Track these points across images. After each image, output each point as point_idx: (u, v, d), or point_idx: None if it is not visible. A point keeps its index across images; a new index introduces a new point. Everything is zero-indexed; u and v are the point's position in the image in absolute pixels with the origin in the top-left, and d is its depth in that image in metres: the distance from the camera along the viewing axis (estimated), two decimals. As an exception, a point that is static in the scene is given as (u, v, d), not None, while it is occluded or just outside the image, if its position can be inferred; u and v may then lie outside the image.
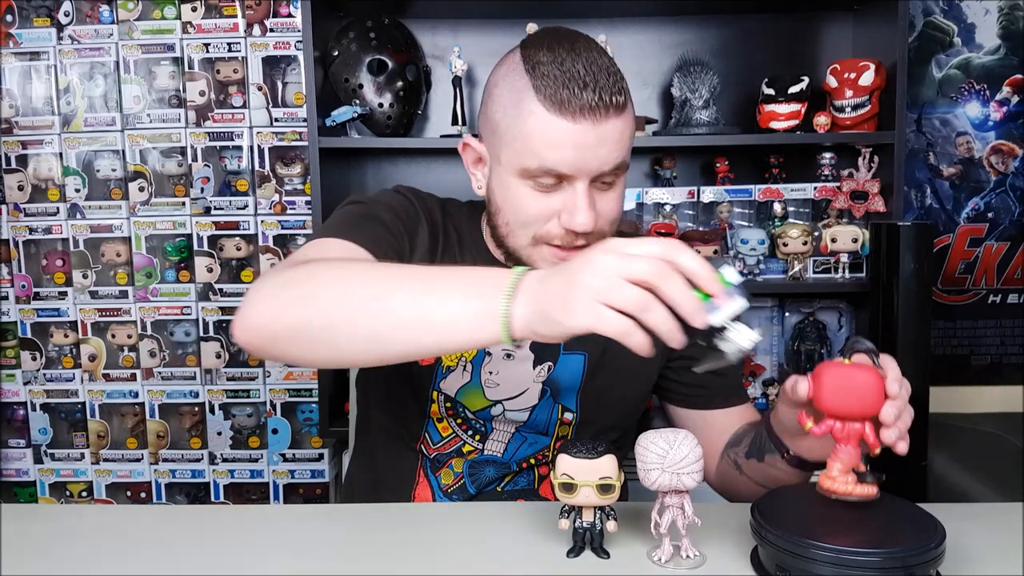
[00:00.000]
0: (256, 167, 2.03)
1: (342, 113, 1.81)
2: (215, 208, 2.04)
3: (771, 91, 1.82)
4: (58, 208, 2.06)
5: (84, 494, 2.13)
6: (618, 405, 1.06)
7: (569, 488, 0.72)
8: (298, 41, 1.98)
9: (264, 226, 2.04)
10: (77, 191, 2.05)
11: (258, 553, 0.79)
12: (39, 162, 2.05)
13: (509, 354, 1.00)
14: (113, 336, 2.09)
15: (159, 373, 2.09)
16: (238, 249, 2.06)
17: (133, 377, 2.10)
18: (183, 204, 2.05)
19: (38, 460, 2.13)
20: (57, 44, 2.01)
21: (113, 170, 2.05)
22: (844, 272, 1.83)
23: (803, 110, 1.81)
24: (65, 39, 2.01)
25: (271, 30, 2.00)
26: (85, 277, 2.07)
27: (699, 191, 1.89)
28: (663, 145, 1.92)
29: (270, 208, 2.04)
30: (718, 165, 1.95)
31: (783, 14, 1.99)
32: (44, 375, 2.11)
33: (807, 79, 1.82)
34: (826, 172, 1.91)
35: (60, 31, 2.01)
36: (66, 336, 2.10)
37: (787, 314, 1.97)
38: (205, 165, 2.03)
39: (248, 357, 2.07)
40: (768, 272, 1.86)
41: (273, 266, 0.88)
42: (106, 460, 2.12)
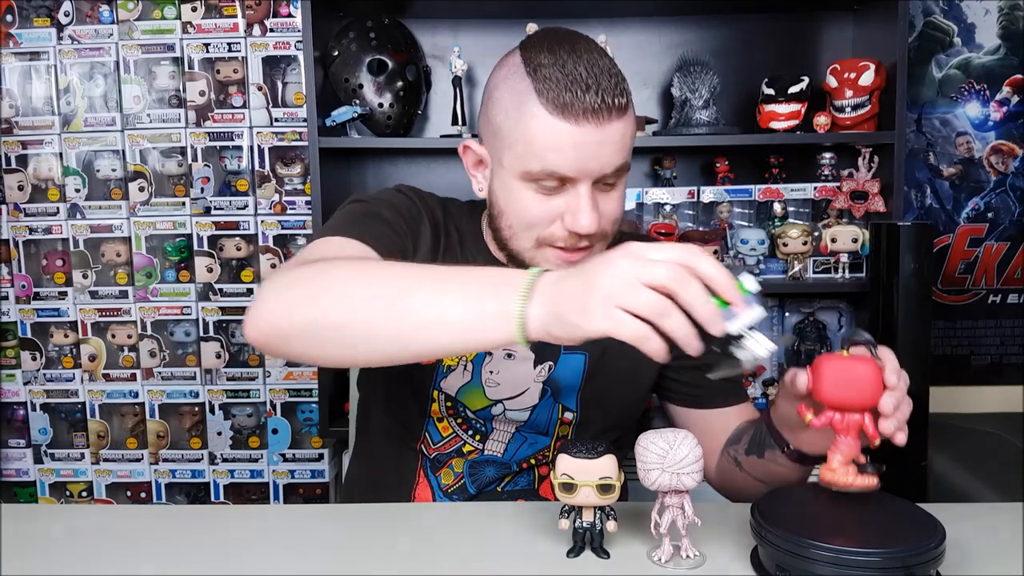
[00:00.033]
0: (256, 167, 2.03)
1: (342, 113, 1.81)
2: (215, 208, 2.04)
3: (771, 91, 1.82)
4: (58, 208, 2.06)
5: (84, 494, 2.13)
6: (618, 405, 1.06)
7: (569, 488, 0.72)
8: (298, 41, 1.98)
9: (264, 226, 2.04)
10: (77, 191, 2.05)
11: (258, 553, 0.79)
12: (39, 162, 2.05)
13: (510, 354, 1.00)
14: (113, 336, 2.09)
15: (159, 373, 2.09)
16: (238, 249, 2.06)
17: (133, 377, 2.10)
18: (183, 204, 2.05)
19: (38, 460, 2.13)
20: (57, 44, 2.01)
21: (113, 170, 2.05)
22: (844, 272, 1.83)
23: (803, 110, 1.81)
24: (65, 39, 2.01)
25: (271, 30, 2.00)
26: (85, 277, 2.08)
27: (699, 191, 1.89)
28: (663, 145, 1.92)
29: (270, 208, 2.04)
30: (718, 165, 1.95)
31: (783, 14, 1.99)
32: (44, 375, 2.11)
33: (807, 79, 1.82)
34: (826, 172, 1.91)
35: (60, 31, 2.01)
36: (66, 336, 2.10)
37: (787, 314, 1.98)
38: (205, 165, 2.03)
39: (248, 357, 2.08)
40: (768, 272, 1.86)
41: (282, 264, 0.87)
42: (106, 460, 2.12)
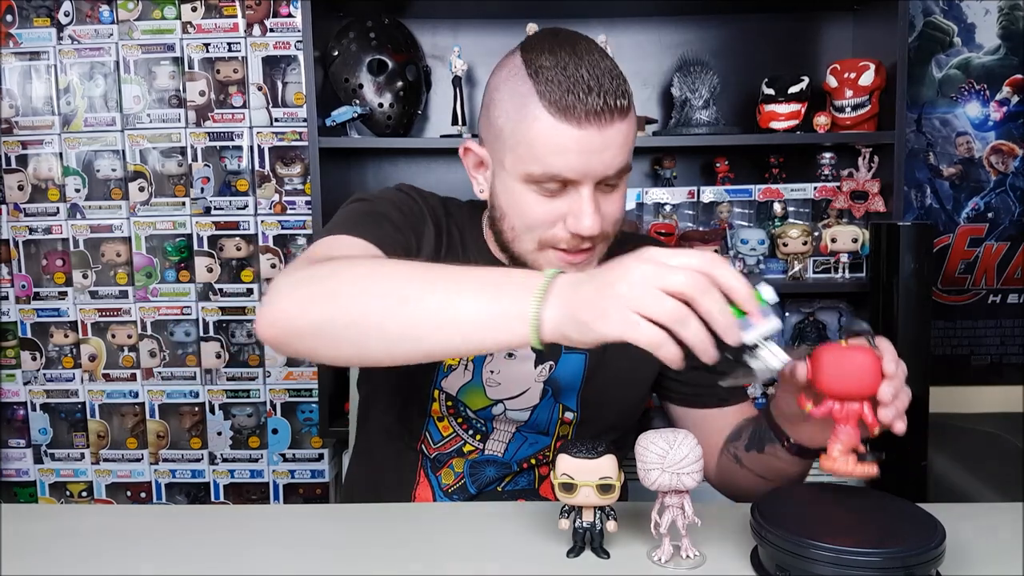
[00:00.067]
0: (256, 167, 2.03)
1: (342, 113, 1.81)
2: (215, 208, 2.04)
3: (771, 91, 1.82)
4: (58, 208, 2.06)
5: (84, 494, 2.13)
6: (618, 405, 1.06)
7: (569, 488, 0.71)
8: (298, 41, 1.98)
9: (264, 226, 2.04)
10: (77, 191, 2.05)
11: (258, 553, 0.79)
12: (39, 162, 2.05)
13: (511, 353, 1.00)
14: (113, 336, 2.09)
15: (159, 373, 2.09)
16: (238, 249, 2.06)
17: (133, 377, 2.10)
18: (183, 204, 2.05)
19: (38, 460, 2.13)
20: (57, 44, 2.01)
21: (113, 170, 2.05)
22: (844, 272, 1.83)
23: (803, 110, 1.81)
24: (65, 39, 2.01)
25: (271, 30, 2.00)
26: (85, 277, 2.07)
27: (699, 191, 1.89)
28: (663, 145, 1.92)
29: (270, 208, 2.04)
30: (718, 165, 1.95)
31: (783, 14, 1.99)
32: (44, 375, 2.11)
33: (807, 79, 1.82)
34: (826, 172, 1.91)
35: (60, 31, 2.01)
36: (66, 336, 2.10)
37: (787, 314, 1.98)
38: (205, 165, 2.03)
39: (248, 357, 2.08)
40: (768, 272, 1.86)
41: (290, 262, 0.86)
42: (106, 460, 2.12)
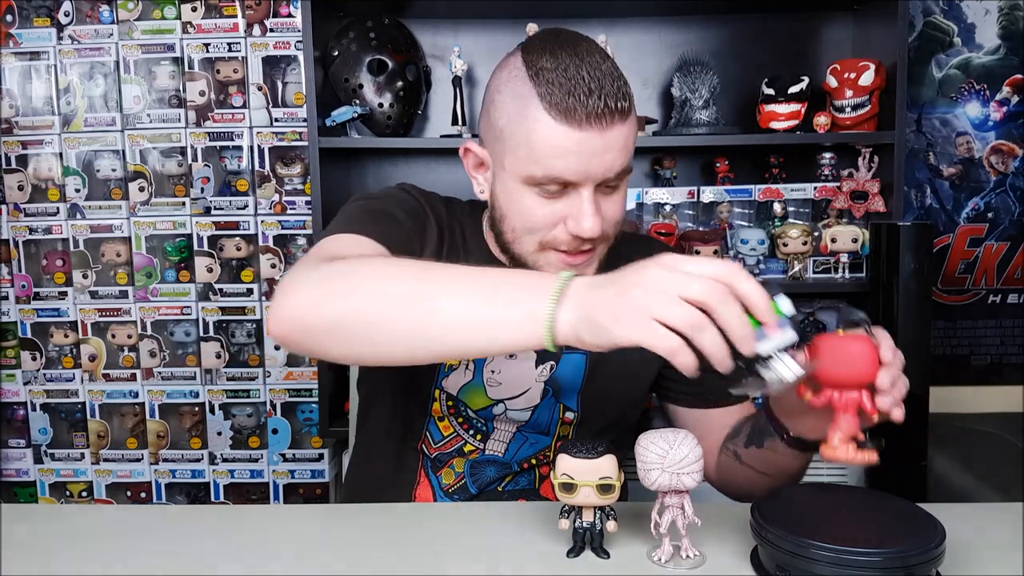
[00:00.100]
0: (256, 167, 2.03)
1: (342, 113, 1.81)
2: (215, 208, 2.04)
3: (771, 91, 1.82)
4: (58, 208, 2.06)
5: (84, 494, 2.13)
6: (619, 405, 1.06)
7: (569, 488, 0.71)
8: (298, 41, 1.98)
9: (264, 226, 2.04)
10: (77, 191, 2.05)
11: (258, 553, 0.79)
12: (39, 162, 2.05)
13: (512, 353, 1.00)
14: (113, 336, 2.09)
15: (159, 373, 2.09)
16: (238, 249, 2.06)
17: (133, 377, 2.10)
18: (183, 204, 2.05)
19: (38, 460, 2.13)
20: (57, 44, 2.01)
21: (113, 170, 2.05)
22: (844, 272, 1.83)
23: (803, 110, 1.81)
24: (65, 39, 2.01)
25: (271, 30, 2.00)
26: (85, 277, 2.07)
27: (699, 191, 1.89)
28: (663, 145, 1.92)
29: (270, 208, 2.04)
30: (718, 165, 1.95)
31: (783, 14, 1.99)
32: (44, 375, 2.11)
33: (807, 79, 1.82)
34: (826, 172, 1.91)
35: (60, 31, 2.01)
36: (66, 336, 2.10)
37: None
38: (205, 165, 2.03)
39: (248, 357, 2.08)
40: (768, 272, 1.86)
41: (298, 260, 0.86)
42: (106, 460, 2.12)
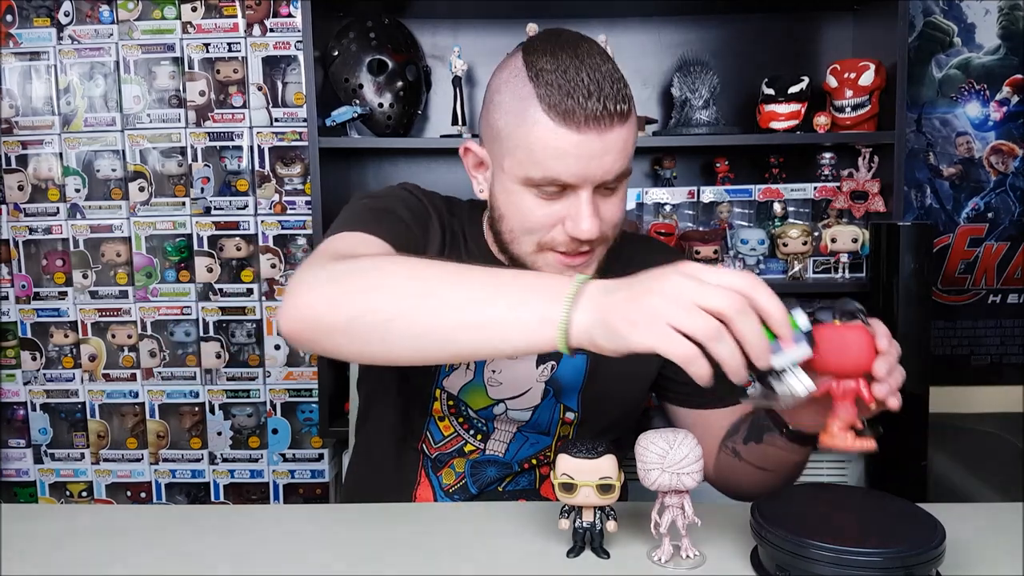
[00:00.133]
0: (256, 167, 2.03)
1: (342, 113, 1.81)
2: (215, 208, 2.04)
3: (771, 91, 1.82)
4: (58, 208, 2.06)
5: (84, 494, 2.13)
6: (619, 404, 1.06)
7: (569, 488, 0.71)
8: (298, 41, 1.98)
9: (264, 226, 2.04)
10: (77, 191, 2.05)
11: (258, 553, 0.79)
12: (39, 162, 2.05)
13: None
14: (113, 336, 2.09)
15: (159, 373, 2.09)
16: (238, 249, 2.06)
17: (133, 377, 2.10)
18: (183, 204, 2.05)
19: (38, 460, 2.13)
20: (57, 44, 2.01)
21: (113, 170, 2.05)
22: (844, 272, 1.83)
23: (803, 110, 1.81)
24: (65, 39, 2.01)
25: (271, 30, 2.00)
26: (85, 277, 2.07)
27: (699, 191, 1.89)
28: (663, 145, 1.92)
29: (270, 208, 2.04)
30: (718, 165, 1.95)
31: (783, 14, 1.99)
32: (44, 375, 2.11)
33: (807, 79, 1.82)
34: (826, 172, 1.91)
35: (60, 31, 2.01)
36: (66, 336, 2.10)
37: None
38: (205, 165, 2.03)
39: (248, 357, 2.08)
40: (768, 272, 1.86)
41: (307, 259, 0.85)
42: (106, 460, 2.12)
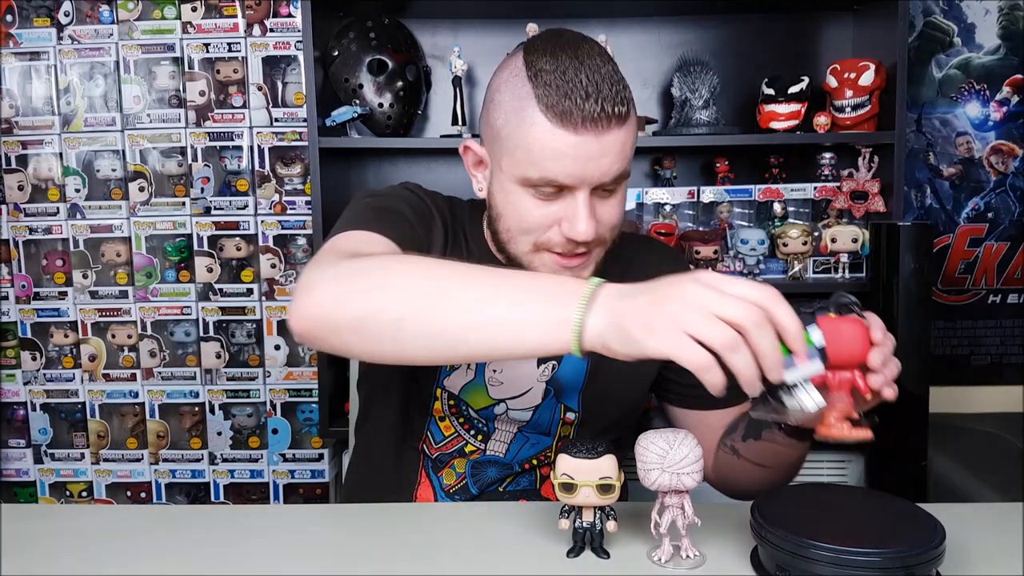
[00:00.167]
0: (256, 167, 2.03)
1: (342, 113, 1.81)
2: (215, 208, 2.04)
3: (771, 91, 1.82)
4: (58, 208, 2.06)
5: (84, 494, 2.13)
6: (620, 405, 1.06)
7: (569, 488, 0.71)
8: (298, 41, 1.98)
9: (264, 226, 2.04)
10: (77, 191, 2.05)
11: (258, 553, 0.79)
12: (39, 162, 2.05)
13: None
14: (113, 336, 2.09)
15: (159, 373, 2.09)
16: (238, 249, 2.06)
17: (133, 377, 2.10)
18: (183, 204, 2.05)
19: (38, 460, 2.13)
20: (57, 44, 2.01)
21: (113, 170, 2.05)
22: (844, 272, 1.83)
23: (803, 110, 1.81)
24: (65, 39, 2.01)
25: (271, 30, 2.00)
26: (85, 277, 2.07)
27: (699, 191, 1.89)
28: (663, 145, 1.92)
29: (270, 208, 2.04)
30: (718, 165, 1.95)
31: (783, 14, 1.99)
32: (44, 375, 2.11)
33: (807, 79, 1.82)
34: (826, 172, 1.91)
35: (60, 31, 2.01)
36: (66, 336, 2.10)
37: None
38: (205, 165, 2.03)
39: (248, 357, 2.07)
40: (768, 272, 1.86)
41: (315, 256, 0.85)
42: (106, 460, 2.12)
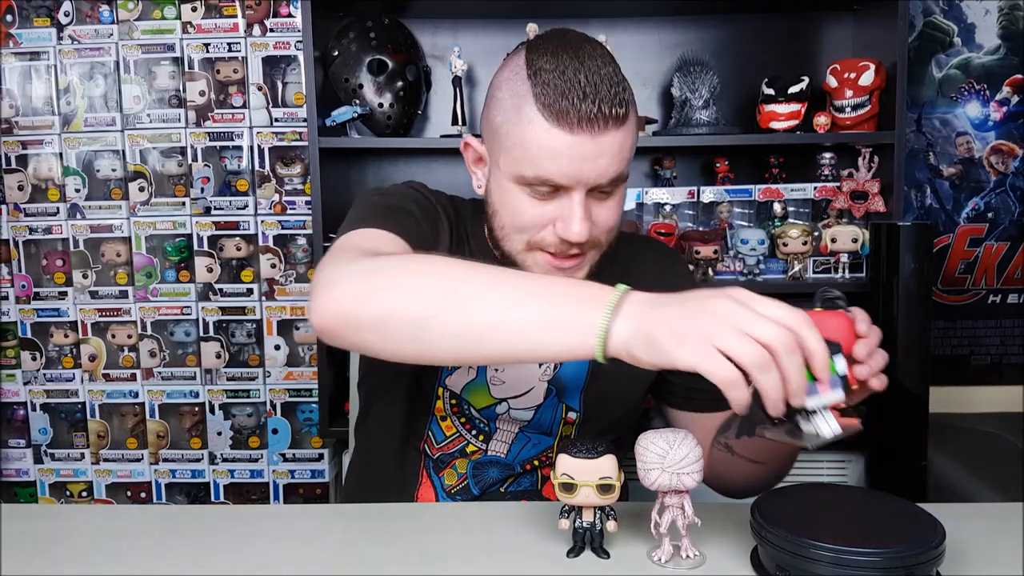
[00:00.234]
0: (256, 167, 2.03)
1: (342, 113, 1.81)
2: (215, 208, 2.04)
3: (771, 91, 1.82)
4: (58, 208, 2.06)
5: (84, 494, 2.13)
6: (621, 404, 1.06)
7: (569, 488, 0.71)
8: (298, 41, 1.98)
9: (264, 226, 2.04)
10: (77, 191, 2.05)
11: (258, 553, 0.79)
12: (39, 162, 2.05)
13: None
14: (113, 336, 2.09)
15: (159, 373, 2.09)
16: (238, 249, 2.06)
17: (133, 377, 2.10)
18: (183, 204, 2.05)
19: (38, 460, 2.13)
20: (57, 44, 2.01)
21: (113, 170, 2.05)
22: (844, 272, 1.83)
23: (803, 110, 1.81)
24: (65, 39, 2.01)
25: (271, 30, 2.00)
26: (85, 277, 2.07)
27: (699, 191, 1.89)
28: (663, 145, 1.92)
29: (270, 208, 2.04)
30: (718, 165, 1.95)
31: (783, 14, 1.99)
32: (44, 375, 2.11)
33: (807, 79, 1.82)
34: (826, 172, 1.91)
35: (60, 31, 2.01)
36: (66, 336, 2.10)
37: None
38: (205, 165, 2.03)
39: (248, 357, 2.08)
40: (768, 272, 1.86)
41: (330, 253, 0.84)
42: (106, 460, 2.12)
